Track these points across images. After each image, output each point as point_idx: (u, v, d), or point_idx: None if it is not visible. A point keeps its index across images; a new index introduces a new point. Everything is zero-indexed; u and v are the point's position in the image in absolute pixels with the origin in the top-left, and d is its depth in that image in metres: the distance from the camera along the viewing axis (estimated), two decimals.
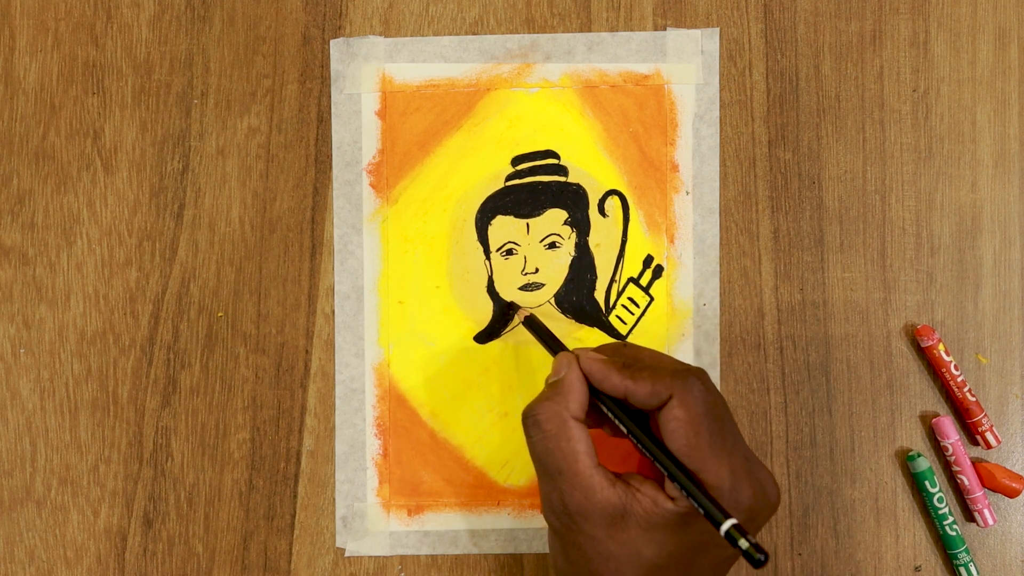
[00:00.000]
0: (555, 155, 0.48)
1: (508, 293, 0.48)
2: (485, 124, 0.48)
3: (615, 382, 0.38)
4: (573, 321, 0.48)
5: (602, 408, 0.39)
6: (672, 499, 0.37)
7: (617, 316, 0.48)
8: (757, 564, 0.33)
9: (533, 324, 0.45)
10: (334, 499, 0.48)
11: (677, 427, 0.36)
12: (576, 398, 0.39)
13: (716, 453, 0.36)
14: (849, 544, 0.47)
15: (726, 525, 0.34)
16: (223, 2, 0.49)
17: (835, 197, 0.48)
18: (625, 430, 0.38)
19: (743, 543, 0.33)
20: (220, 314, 0.48)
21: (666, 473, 0.36)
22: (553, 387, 0.39)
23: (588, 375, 0.39)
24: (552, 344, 0.43)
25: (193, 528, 0.48)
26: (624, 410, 0.39)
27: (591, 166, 0.48)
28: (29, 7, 0.49)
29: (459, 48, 0.48)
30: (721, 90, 0.48)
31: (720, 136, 0.48)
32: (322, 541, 0.48)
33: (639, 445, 0.38)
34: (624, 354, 0.41)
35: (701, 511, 0.35)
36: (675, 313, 0.48)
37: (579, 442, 0.38)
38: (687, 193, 0.48)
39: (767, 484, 0.38)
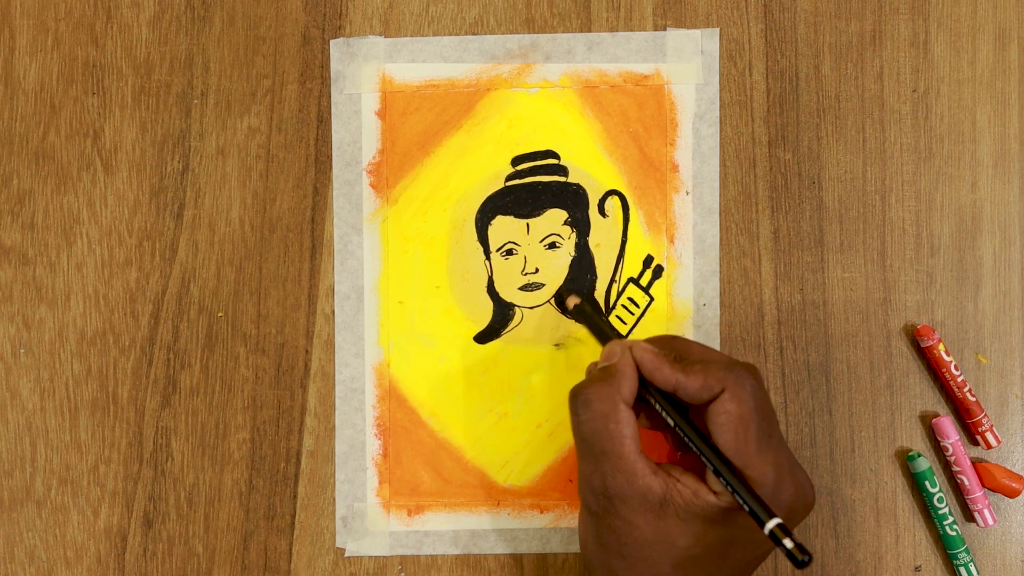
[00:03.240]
0: (555, 155, 0.48)
1: (508, 293, 0.48)
2: (485, 124, 0.48)
3: (666, 374, 0.38)
4: (573, 321, 0.48)
5: (648, 399, 0.39)
6: (715, 493, 0.37)
7: (617, 316, 0.48)
8: (801, 565, 0.33)
9: (583, 313, 0.45)
10: (334, 499, 0.48)
11: (727, 422, 0.37)
12: (628, 384, 0.38)
13: (762, 450, 0.36)
14: (849, 544, 0.47)
15: (771, 524, 0.34)
16: (223, 2, 0.49)
17: (835, 197, 0.48)
18: (672, 422, 0.38)
19: (788, 543, 0.33)
20: (220, 314, 0.48)
21: (711, 467, 0.36)
22: (605, 371, 0.39)
23: (639, 364, 0.39)
24: (602, 333, 0.43)
25: (193, 528, 0.48)
26: (671, 403, 0.39)
27: (591, 166, 0.48)
28: (29, 7, 0.49)
29: (459, 48, 0.48)
30: (721, 90, 0.48)
31: (720, 136, 0.48)
32: (322, 541, 0.48)
33: (686, 438, 0.38)
34: (674, 347, 0.41)
35: (746, 508, 0.35)
36: (675, 313, 0.48)
37: (627, 426, 0.38)
38: (687, 193, 0.48)
39: (805, 485, 0.38)
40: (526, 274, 0.48)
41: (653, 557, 0.37)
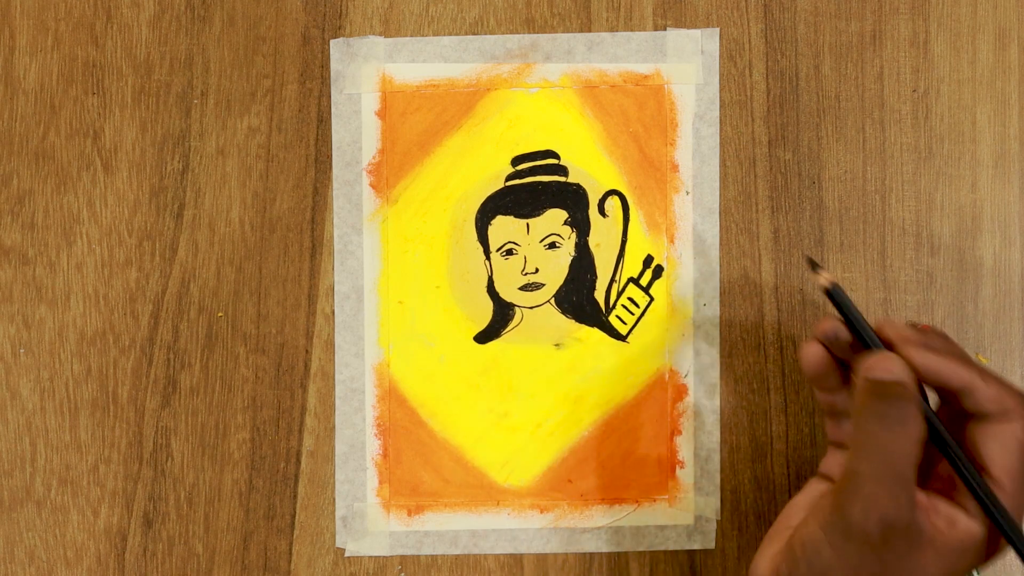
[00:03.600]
0: (555, 155, 0.48)
1: (508, 293, 0.48)
2: (485, 124, 0.48)
3: (960, 372, 0.34)
4: (573, 321, 0.48)
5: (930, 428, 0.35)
6: (973, 517, 0.33)
7: (617, 316, 0.48)
8: None
9: (843, 302, 0.38)
10: (334, 499, 0.48)
11: (1016, 448, 0.33)
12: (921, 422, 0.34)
13: None
14: None
15: None
16: (223, 2, 0.49)
17: (835, 197, 0.48)
18: (947, 438, 0.35)
19: None
20: (220, 314, 0.48)
21: (984, 499, 0.33)
22: (898, 394, 0.33)
23: (924, 367, 0.34)
24: (860, 329, 0.36)
25: (193, 528, 0.48)
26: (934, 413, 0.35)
27: (591, 166, 0.48)
28: (29, 7, 0.49)
29: (459, 48, 0.48)
30: (721, 90, 0.48)
31: (720, 136, 0.48)
32: (322, 541, 0.48)
33: (958, 460, 0.34)
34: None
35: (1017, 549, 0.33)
36: (675, 313, 0.48)
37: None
38: (687, 193, 0.48)
39: None
40: (526, 274, 0.48)
41: None
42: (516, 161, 0.48)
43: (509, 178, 0.48)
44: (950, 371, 0.34)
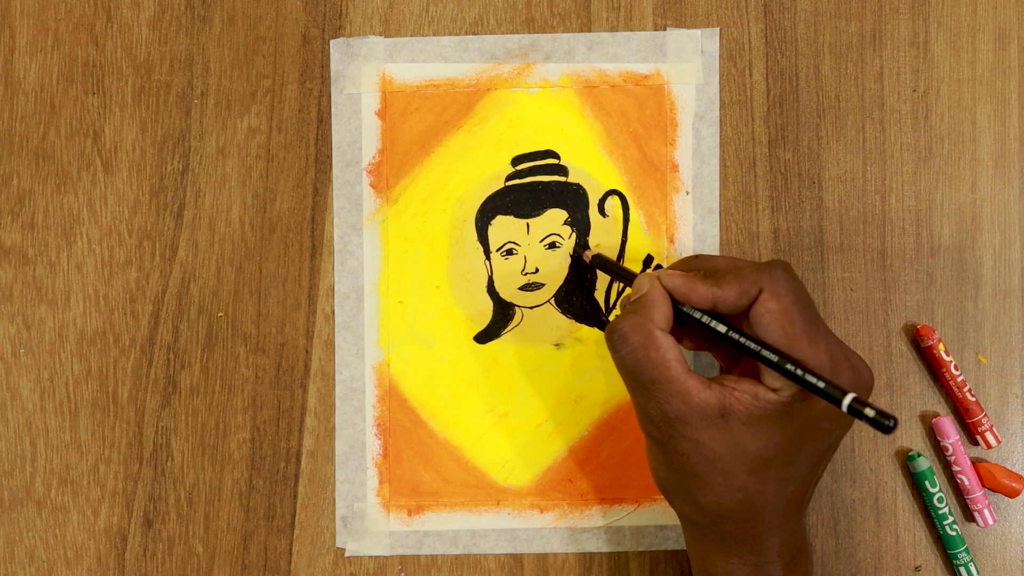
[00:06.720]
0: (555, 155, 0.48)
1: (508, 293, 0.48)
2: (485, 124, 0.48)
3: (701, 292, 0.38)
4: (573, 321, 0.48)
5: (691, 320, 0.39)
6: (774, 390, 0.36)
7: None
8: (887, 430, 0.33)
9: (603, 262, 0.46)
10: (334, 499, 0.48)
11: (771, 319, 0.36)
12: (660, 311, 0.38)
13: (813, 338, 0.36)
14: (849, 544, 0.47)
15: (847, 400, 0.34)
16: (223, 2, 0.49)
17: (835, 197, 0.48)
18: (723, 329, 0.38)
19: (869, 412, 0.33)
20: (220, 314, 0.48)
21: (772, 363, 0.36)
22: (635, 303, 0.39)
23: (672, 291, 0.39)
24: (626, 275, 0.43)
25: (193, 528, 0.48)
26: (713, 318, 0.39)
27: (591, 166, 0.48)
28: (29, 7, 0.49)
29: (459, 48, 0.48)
30: (721, 90, 0.48)
31: (720, 136, 0.48)
32: (322, 541, 0.48)
33: (739, 340, 0.37)
34: (699, 265, 0.41)
35: (821, 386, 0.35)
36: None
37: (668, 350, 0.38)
38: (687, 193, 0.48)
39: (860, 366, 0.38)
40: (526, 274, 0.48)
41: (727, 468, 0.37)
42: (516, 161, 0.48)
43: (509, 178, 0.48)
44: (688, 289, 0.38)
